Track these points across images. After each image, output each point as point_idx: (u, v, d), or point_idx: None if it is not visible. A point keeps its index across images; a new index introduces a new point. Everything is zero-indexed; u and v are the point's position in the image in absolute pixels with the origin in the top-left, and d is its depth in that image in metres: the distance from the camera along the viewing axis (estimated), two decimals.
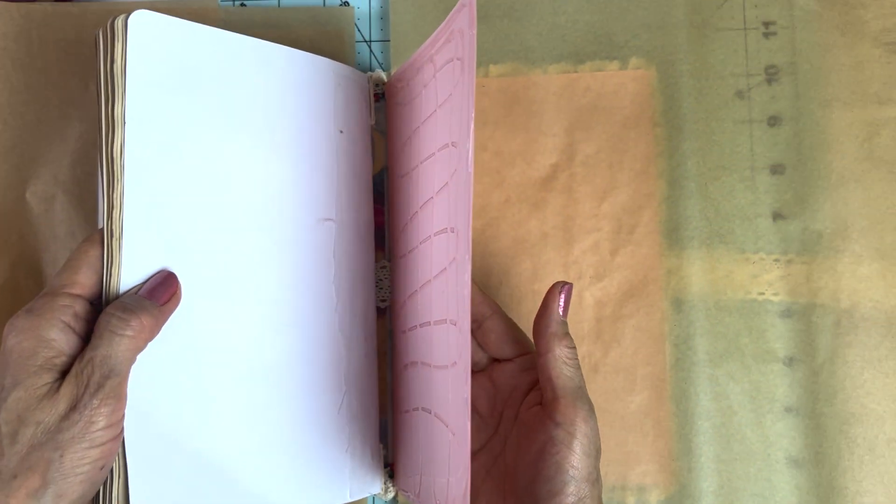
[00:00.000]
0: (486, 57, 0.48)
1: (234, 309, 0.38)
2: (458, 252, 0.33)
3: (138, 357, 0.33)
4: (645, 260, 0.46)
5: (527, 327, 0.40)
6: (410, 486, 0.41)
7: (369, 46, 0.49)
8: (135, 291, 0.33)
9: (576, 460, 0.33)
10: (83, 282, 0.33)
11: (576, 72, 0.47)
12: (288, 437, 0.40)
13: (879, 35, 0.46)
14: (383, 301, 0.46)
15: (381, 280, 0.46)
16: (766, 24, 0.47)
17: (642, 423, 0.45)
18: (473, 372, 0.41)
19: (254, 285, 0.39)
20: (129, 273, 0.34)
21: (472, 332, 0.39)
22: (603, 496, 0.40)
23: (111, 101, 0.34)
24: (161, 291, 0.34)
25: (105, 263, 0.34)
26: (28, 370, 0.30)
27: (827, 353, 0.45)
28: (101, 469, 0.30)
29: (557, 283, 0.37)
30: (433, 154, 0.38)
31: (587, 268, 0.47)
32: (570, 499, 0.33)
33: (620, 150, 0.47)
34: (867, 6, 0.46)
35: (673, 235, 0.46)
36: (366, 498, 0.46)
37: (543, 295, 0.38)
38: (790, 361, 0.45)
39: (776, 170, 0.46)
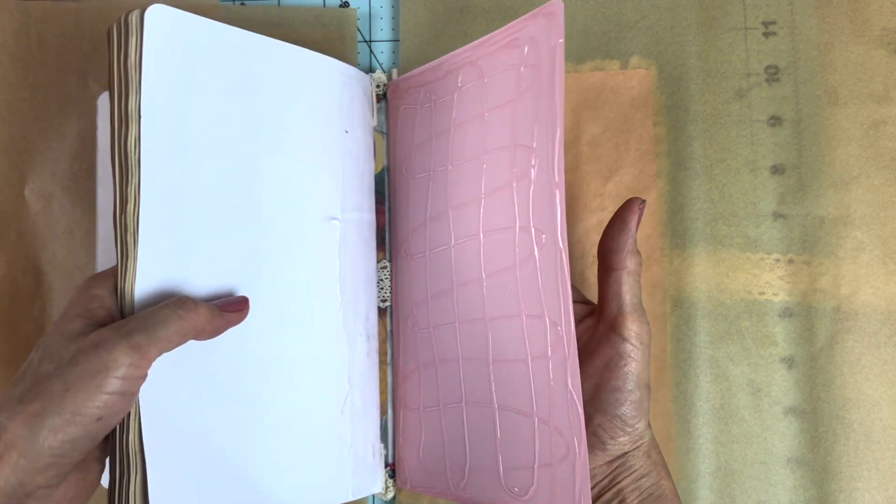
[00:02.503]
0: None
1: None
2: (546, 251, 0.35)
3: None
4: (647, 240, 0.47)
5: None
6: (441, 483, 0.41)
7: (370, 47, 0.49)
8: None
9: (641, 370, 0.36)
10: None
11: (576, 71, 0.48)
12: (293, 435, 0.39)
13: (881, 35, 0.47)
14: (384, 301, 0.46)
15: (381, 280, 0.46)
16: (766, 24, 0.47)
17: None
18: None
19: (264, 282, 0.38)
20: (145, 268, 0.33)
21: None
22: None
23: (125, 95, 0.33)
24: (229, 307, 0.35)
25: (119, 257, 0.33)
26: (66, 317, 0.32)
27: (826, 338, 0.45)
28: (98, 420, 0.29)
29: (634, 199, 0.37)
30: (479, 156, 0.39)
31: (591, 247, 0.47)
32: (633, 406, 0.36)
33: (626, 131, 0.47)
34: (868, 6, 0.47)
35: (674, 236, 0.46)
36: (366, 498, 0.45)
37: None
38: (789, 346, 0.46)
39: (776, 169, 0.47)
